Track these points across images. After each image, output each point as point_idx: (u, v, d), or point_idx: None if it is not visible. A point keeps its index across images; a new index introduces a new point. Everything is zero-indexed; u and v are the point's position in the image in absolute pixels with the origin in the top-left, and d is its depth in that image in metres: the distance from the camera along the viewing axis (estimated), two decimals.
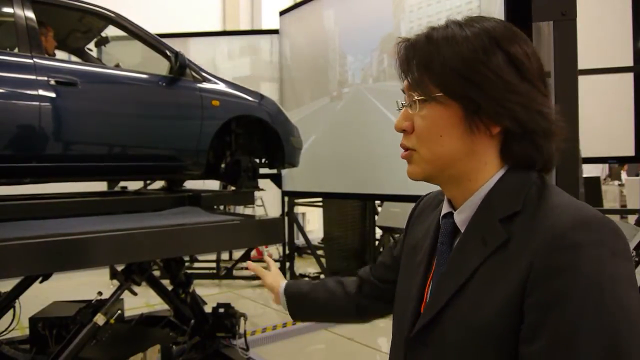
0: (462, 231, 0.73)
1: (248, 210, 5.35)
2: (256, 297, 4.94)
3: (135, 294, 2.63)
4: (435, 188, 0.83)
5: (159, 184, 4.15)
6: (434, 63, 0.69)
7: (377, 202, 5.25)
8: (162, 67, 2.84)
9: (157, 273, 3.87)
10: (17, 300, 2.67)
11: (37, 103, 2.25)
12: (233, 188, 3.17)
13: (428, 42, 0.71)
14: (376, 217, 5.05)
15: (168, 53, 2.78)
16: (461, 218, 0.74)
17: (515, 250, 0.64)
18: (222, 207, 4.19)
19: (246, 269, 5.75)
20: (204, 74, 2.94)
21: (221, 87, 3.00)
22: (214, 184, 4.71)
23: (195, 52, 5.16)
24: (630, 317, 0.57)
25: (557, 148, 0.72)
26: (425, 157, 0.73)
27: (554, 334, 0.58)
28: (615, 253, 0.59)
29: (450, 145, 0.71)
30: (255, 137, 3.24)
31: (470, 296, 0.67)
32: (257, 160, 3.31)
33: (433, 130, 0.71)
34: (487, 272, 0.66)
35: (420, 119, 0.73)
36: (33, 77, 2.26)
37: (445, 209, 0.79)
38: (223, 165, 3.12)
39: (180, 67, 2.74)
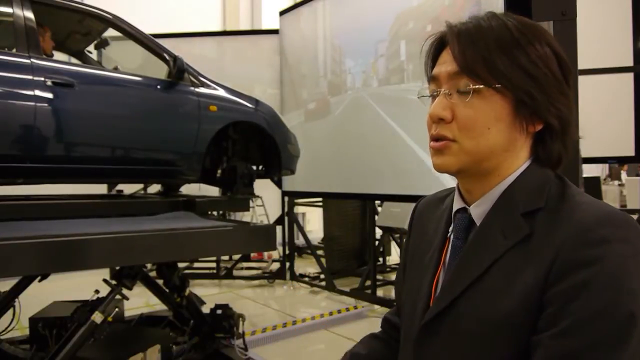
0: (478, 224, 0.73)
1: (248, 212, 5.35)
2: (256, 297, 4.94)
3: (127, 298, 2.61)
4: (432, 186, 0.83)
5: (156, 188, 4.15)
6: (492, 55, 0.68)
7: (377, 202, 5.25)
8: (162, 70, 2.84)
9: (154, 274, 3.87)
10: (17, 300, 2.67)
11: (33, 103, 2.25)
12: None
13: (480, 30, 0.70)
14: (376, 217, 5.04)
15: (167, 57, 2.77)
16: (478, 212, 0.74)
17: (537, 245, 0.64)
18: (220, 212, 4.18)
19: (246, 269, 5.75)
20: (202, 78, 2.93)
21: (219, 92, 2.99)
22: (213, 190, 4.71)
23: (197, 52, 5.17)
24: None
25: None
26: (466, 149, 0.70)
27: (570, 321, 0.59)
28: (638, 250, 0.61)
29: (495, 138, 0.69)
30: (252, 144, 3.24)
31: (486, 288, 0.67)
32: (254, 167, 3.30)
33: (481, 121, 0.69)
34: (506, 265, 0.66)
35: (466, 108, 0.70)
36: (30, 77, 2.26)
37: (457, 204, 0.78)
38: (219, 171, 3.11)
39: (179, 71, 2.73)
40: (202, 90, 2.89)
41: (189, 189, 3.63)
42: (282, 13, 5.24)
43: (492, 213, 0.71)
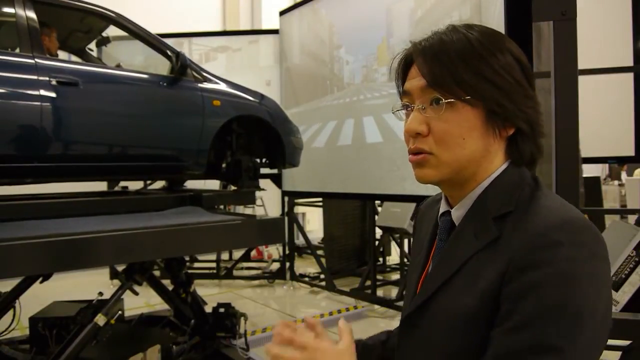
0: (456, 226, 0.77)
1: (248, 210, 5.35)
2: (256, 297, 4.94)
3: (136, 293, 2.63)
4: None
5: (159, 184, 4.16)
6: (457, 68, 0.70)
7: (377, 202, 5.25)
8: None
9: (157, 273, 3.87)
10: (17, 300, 2.67)
11: (39, 103, 2.26)
12: (234, 188, 3.17)
13: (443, 45, 0.72)
14: (376, 217, 5.04)
15: (169, 53, 2.79)
16: (458, 214, 0.77)
17: (502, 246, 0.68)
18: (222, 207, 4.20)
19: (246, 269, 5.75)
20: (204, 74, 2.95)
21: (222, 87, 3.01)
22: (214, 184, 4.71)
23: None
24: (596, 317, 0.62)
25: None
26: (444, 160, 0.73)
27: (520, 318, 0.62)
28: (594, 254, 0.63)
29: (471, 147, 0.72)
30: (256, 137, 3.25)
31: (456, 285, 0.71)
32: (258, 160, 3.31)
33: (456, 132, 0.72)
34: (474, 265, 0.70)
35: (440, 121, 0.72)
36: (34, 77, 2.26)
37: (443, 207, 0.82)
38: (224, 165, 3.12)
39: (182, 67, 2.75)
40: (205, 85, 2.91)
41: (191, 182, 3.64)
42: (282, 13, 5.24)
43: (468, 216, 0.75)
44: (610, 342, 0.73)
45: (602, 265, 0.64)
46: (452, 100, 0.71)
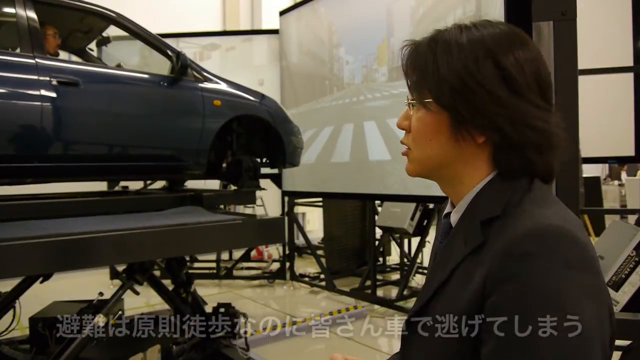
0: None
1: (248, 210, 5.35)
2: (256, 297, 4.94)
3: (137, 293, 2.63)
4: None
5: (159, 184, 4.16)
6: (428, 71, 0.72)
7: (377, 202, 5.25)
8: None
9: (157, 273, 3.87)
10: (17, 300, 2.67)
11: (39, 103, 2.26)
12: (234, 188, 3.17)
13: (428, 48, 0.73)
14: (376, 217, 5.04)
15: (169, 53, 2.79)
16: (455, 218, 0.78)
17: (485, 253, 0.66)
18: (222, 207, 4.19)
19: (246, 269, 5.75)
20: (205, 73, 2.95)
21: (222, 86, 3.01)
22: (214, 184, 4.72)
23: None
24: (573, 330, 0.58)
25: (558, 159, 0.73)
26: (417, 157, 0.77)
27: (498, 339, 0.61)
28: (568, 264, 0.60)
29: (438, 150, 0.74)
30: (256, 137, 3.25)
31: (449, 290, 0.71)
32: (258, 160, 3.32)
33: (423, 133, 0.75)
34: (464, 270, 0.69)
35: (415, 120, 0.76)
36: (35, 77, 2.26)
37: (447, 209, 0.82)
38: (224, 165, 3.12)
39: (182, 67, 2.75)
40: (206, 85, 2.91)
41: (191, 182, 3.64)
42: (282, 13, 5.24)
43: (461, 220, 0.75)
44: None
45: (578, 276, 0.61)
46: (413, 102, 0.75)
